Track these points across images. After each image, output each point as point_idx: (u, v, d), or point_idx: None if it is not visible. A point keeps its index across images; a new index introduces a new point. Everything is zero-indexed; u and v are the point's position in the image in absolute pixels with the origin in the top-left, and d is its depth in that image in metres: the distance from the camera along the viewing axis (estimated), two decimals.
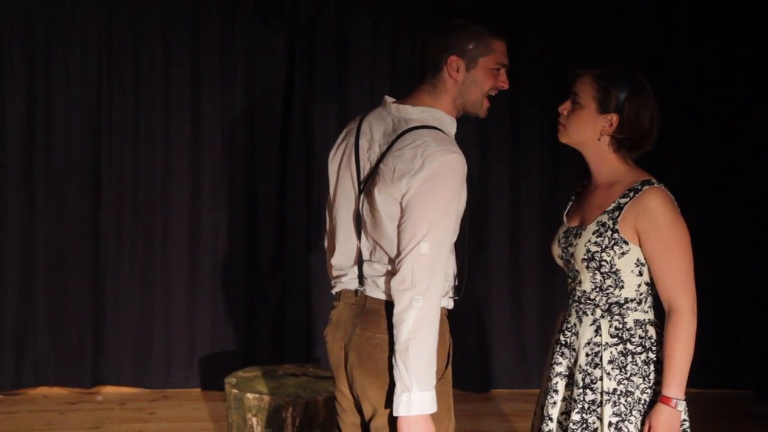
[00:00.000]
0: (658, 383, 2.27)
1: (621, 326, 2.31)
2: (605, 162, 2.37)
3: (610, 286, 2.32)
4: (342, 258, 2.30)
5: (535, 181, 5.05)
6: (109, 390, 4.89)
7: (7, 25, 4.67)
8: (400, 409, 2.05)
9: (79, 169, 4.79)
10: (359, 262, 2.24)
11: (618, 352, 2.29)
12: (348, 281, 2.28)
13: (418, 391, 2.04)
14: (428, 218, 2.06)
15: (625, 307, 2.31)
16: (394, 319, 2.08)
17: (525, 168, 5.05)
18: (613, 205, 2.31)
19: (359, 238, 2.24)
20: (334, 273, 2.34)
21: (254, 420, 3.47)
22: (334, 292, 2.36)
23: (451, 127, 2.23)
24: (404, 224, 2.09)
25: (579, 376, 2.34)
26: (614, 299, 2.32)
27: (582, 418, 2.31)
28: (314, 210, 4.93)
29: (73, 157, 4.78)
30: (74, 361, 4.82)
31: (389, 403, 2.14)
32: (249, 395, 3.48)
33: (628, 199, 2.28)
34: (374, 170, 2.18)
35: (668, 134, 5.32)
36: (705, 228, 5.02)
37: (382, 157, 2.17)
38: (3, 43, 4.68)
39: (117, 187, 4.85)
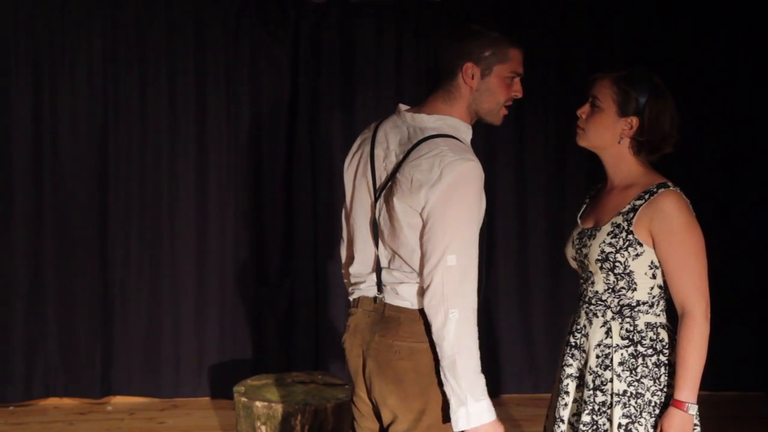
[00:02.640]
0: (669, 386, 2.27)
1: (632, 328, 2.31)
2: (623, 165, 2.38)
3: (622, 287, 2.32)
4: (360, 266, 2.30)
5: (541, 184, 5.04)
6: (119, 400, 4.91)
7: (12, 31, 4.69)
8: (459, 423, 2.06)
9: (85, 181, 4.80)
10: (377, 269, 2.24)
11: (629, 354, 2.29)
12: (366, 288, 2.28)
13: (473, 402, 2.06)
14: (451, 229, 2.06)
15: (636, 309, 2.32)
16: (435, 337, 2.08)
17: (531, 169, 5.04)
18: (628, 206, 2.31)
19: (377, 245, 2.23)
20: (352, 280, 2.34)
21: (263, 428, 3.48)
22: (351, 299, 2.36)
23: (466, 134, 2.22)
24: (427, 236, 2.09)
25: (589, 378, 2.34)
26: (626, 301, 2.32)
27: (592, 419, 2.32)
28: (321, 217, 4.93)
29: (79, 168, 4.79)
30: (84, 371, 4.83)
31: (412, 410, 2.16)
32: (258, 403, 3.49)
33: (643, 201, 2.29)
34: (391, 179, 2.18)
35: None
36: (713, 229, 4.97)
37: (398, 166, 2.16)
38: (9, 49, 4.70)
39: (124, 197, 4.86)
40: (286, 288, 4.96)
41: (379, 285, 2.23)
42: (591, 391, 2.33)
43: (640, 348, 2.29)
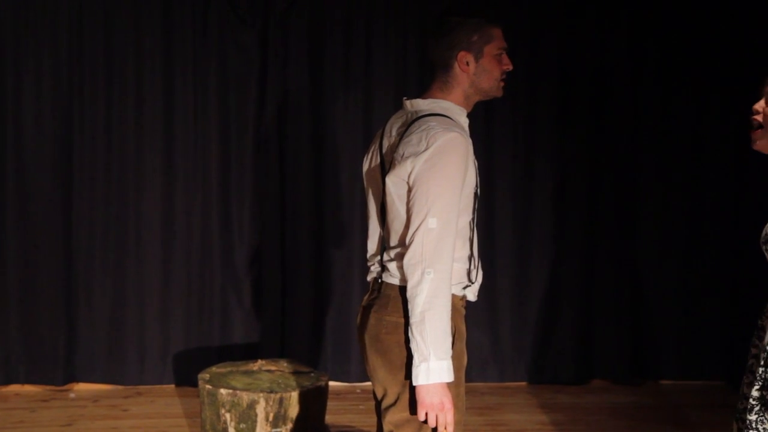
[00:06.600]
0: None
1: None
2: None
3: None
4: (372, 249, 2.45)
5: (508, 182, 5.06)
6: (82, 387, 4.85)
7: None
8: (419, 378, 2.14)
9: (50, 167, 4.73)
10: (382, 250, 2.37)
11: None
12: (374, 270, 2.42)
13: (435, 360, 2.13)
14: (433, 193, 2.16)
15: None
16: (408, 294, 2.16)
17: (500, 170, 5.03)
18: None
19: (383, 228, 2.37)
20: (368, 264, 2.48)
21: (228, 416, 3.46)
22: (369, 280, 2.49)
23: (459, 115, 2.34)
24: (411, 201, 2.20)
25: (762, 356, 2.44)
26: None
27: (761, 394, 2.41)
28: (288, 206, 4.90)
29: (44, 153, 4.72)
30: (46, 358, 4.77)
31: (397, 383, 2.24)
32: (222, 391, 3.47)
33: None
34: (391, 161, 2.30)
35: (647, 133, 5.30)
36: (679, 223, 5.06)
37: (395, 148, 2.29)
38: None
39: (89, 184, 4.79)
40: (253, 276, 4.93)
41: (381, 265, 2.35)
42: (763, 368, 2.42)
43: None
